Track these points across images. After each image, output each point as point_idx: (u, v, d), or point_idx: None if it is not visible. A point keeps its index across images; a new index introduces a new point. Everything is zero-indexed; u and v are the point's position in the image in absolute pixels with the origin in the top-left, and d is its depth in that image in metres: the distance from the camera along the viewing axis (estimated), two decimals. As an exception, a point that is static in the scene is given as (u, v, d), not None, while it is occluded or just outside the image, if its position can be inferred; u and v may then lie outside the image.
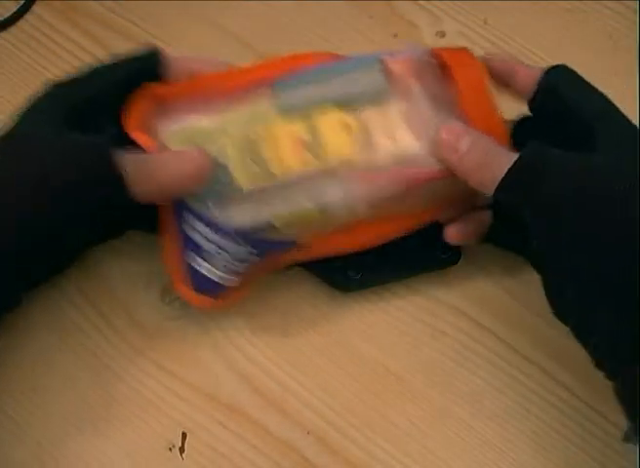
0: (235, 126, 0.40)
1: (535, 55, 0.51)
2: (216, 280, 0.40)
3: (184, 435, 0.42)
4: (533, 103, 0.41)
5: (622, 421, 0.36)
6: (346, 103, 0.40)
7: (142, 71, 0.41)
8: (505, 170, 0.35)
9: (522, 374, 0.43)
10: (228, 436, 0.42)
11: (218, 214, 0.39)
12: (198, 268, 0.40)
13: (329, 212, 0.39)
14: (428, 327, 0.44)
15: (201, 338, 0.44)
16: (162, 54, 0.41)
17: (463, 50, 0.42)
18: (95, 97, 0.40)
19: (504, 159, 0.36)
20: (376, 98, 0.40)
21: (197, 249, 0.39)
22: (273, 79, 0.40)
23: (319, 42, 0.52)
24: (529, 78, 0.40)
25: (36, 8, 0.53)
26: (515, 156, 0.36)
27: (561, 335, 0.43)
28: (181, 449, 0.41)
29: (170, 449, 0.41)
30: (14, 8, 0.53)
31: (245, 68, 0.41)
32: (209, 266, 0.39)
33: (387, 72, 0.40)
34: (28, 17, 0.53)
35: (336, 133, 0.39)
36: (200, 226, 0.39)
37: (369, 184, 0.39)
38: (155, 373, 0.43)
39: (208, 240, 0.39)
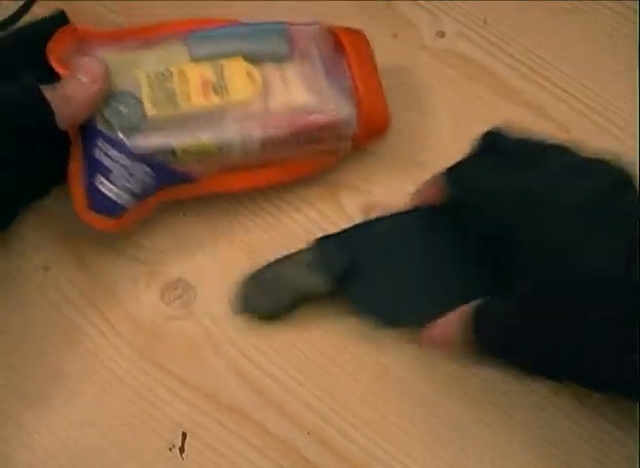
0: (148, 62, 0.44)
1: (535, 55, 0.51)
2: (113, 198, 0.42)
3: (184, 435, 0.42)
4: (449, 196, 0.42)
5: (622, 422, 0.36)
6: (251, 58, 0.45)
7: (49, 29, 0.43)
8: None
9: (523, 375, 0.43)
10: (228, 436, 0.42)
11: (123, 135, 0.42)
12: (98, 187, 0.42)
13: (225, 148, 0.43)
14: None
15: (201, 338, 0.44)
16: (66, 17, 0.45)
17: (357, 31, 0.48)
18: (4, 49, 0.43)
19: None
20: (277, 58, 0.45)
21: (99, 167, 0.42)
22: (186, 32, 0.45)
23: (319, 42, 0.52)
24: (435, 193, 0.42)
25: (36, 8, 0.53)
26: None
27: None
28: (181, 449, 0.41)
29: (170, 449, 0.41)
30: (14, 8, 0.53)
31: (159, 23, 0.47)
32: (108, 184, 0.42)
33: (290, 38, 0.46)
34: (28, 17, 0.53)
35: (239, 78, 0.44)
36: (104, 145, 0.42)
37: (263, 126, 0.44)
38: (155, 373, 0.43)
39: (110, 158, 0.42)
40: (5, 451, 0.41)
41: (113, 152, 0.42)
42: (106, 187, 0.42)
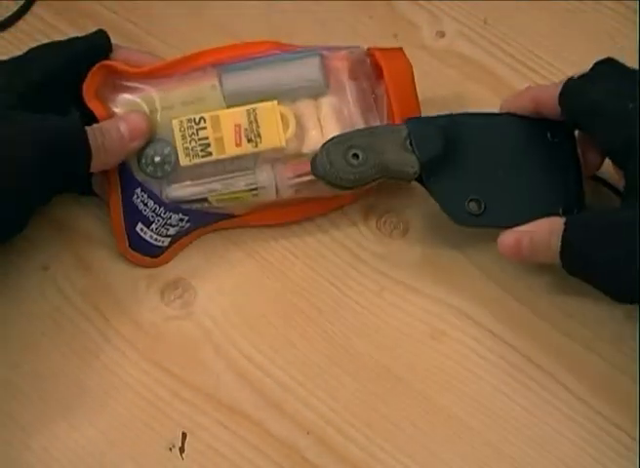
0: (181, 104, 0.44)
1: (535, 55, 0.51)
2: (152, 242, 0.44)
3: (184, 435, 0.42)
4: (563, 108, 0.42)
5: (625, 422, 0.36)
6: (285, 93, 0.44)
7: (90, 53, 0.43)
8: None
9: (522, 375, 0.43)
10: (228, 436, 0.42)
11: (158, 186, 0.43)
12: (137, 232, 0.44)
13: (259, 193, 0.44)
14: (428, 327, 0.44)
15: (201, 339, 0.44)
16: (109, 38, 0.44)
17: (397, 50, 0.46)
18: (48, 78, 0.42)
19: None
20: (312, 91, 0.44)
21: (137, 214, 0.43)
22: (219, 64, 0.44)
23: (319, 42, 0.52)
24: (550, 102, 0.42)
25: (36, 8, 0.53)
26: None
27: (562, 336, 0.44)
28: (181, 449, 0.41)
29: (170, 449, 0.41)
30: (14, 8, 0.53)
31: (194, 54, 0.45)
32: (147, 230, 0.44)
33: (325, 67, 0.45)
34: (28, 17, 0.53)
35: (273, 124, 0.43)
36: (142, 195, 0.43)
37: (297, 170, 0.44)
38: (155, 374, 0.43)
39: (147, 207, 0.43)
40: (6, 452, 0.41)
41: (150, 202, 0.43)
42: (145, 233, 0.44)
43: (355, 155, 0.41)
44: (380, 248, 0.46)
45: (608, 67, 0.42)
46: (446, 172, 0.42)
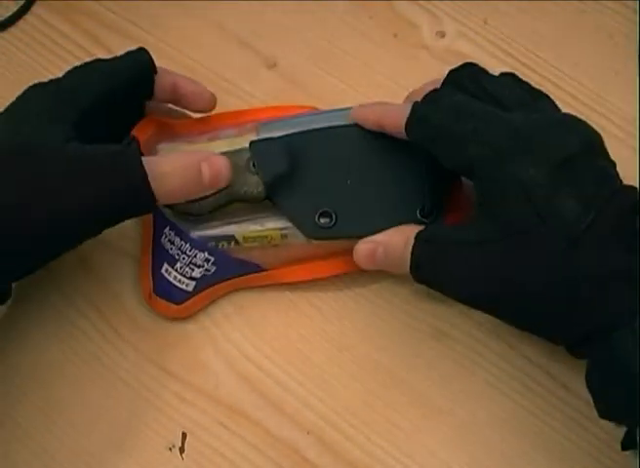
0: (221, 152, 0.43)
1: (535, 55, 0.51)
2: (177, 285, 0.43)
3: (184, 435, 0.42)
4: (409, 136, 0.40)
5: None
6: None
7: (137, 76, 0.42)
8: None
9: (523, 375, 0.43)
10: (228, 436, 0.42)
11: (185, 222, 0.43)
12: (161, 272, 0.44)
13: (288, 234, 0.43)
14: (429, 327, 0.44)
15: (201, 339, 0.44)
16: (152, 59, 0.43)
17: None
18: (98, 104, 0.40)
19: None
20: None
21: (164, 254, 0.44)
22: (259, 120, 0.45)
23: (319, 42, 0.52)
24: (396, 126, 0.41)
25: (36, 8, 0.53)
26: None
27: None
28: (181, 449, 0.41)
29: (170, 449, 0.41)
30: (14, 8, 0.53)
31: (235, 111, 0.47)
32: (169, 268, 0.43)
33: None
34: (28, 17, 0.53)
35: None
36: (167, 231, 0.44)
37: None
38: (155, 374, 0.43)
39: (174, 245, 0.43)
40: (5, 452, 0.41)
41: (177, 239, 0.43)
42: (170, 273, 0.43)
43: None
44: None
45: (459, 77, 0.41)
46: (294, 187, 0.43)
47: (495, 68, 0.42)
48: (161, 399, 0.42)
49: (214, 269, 0.43)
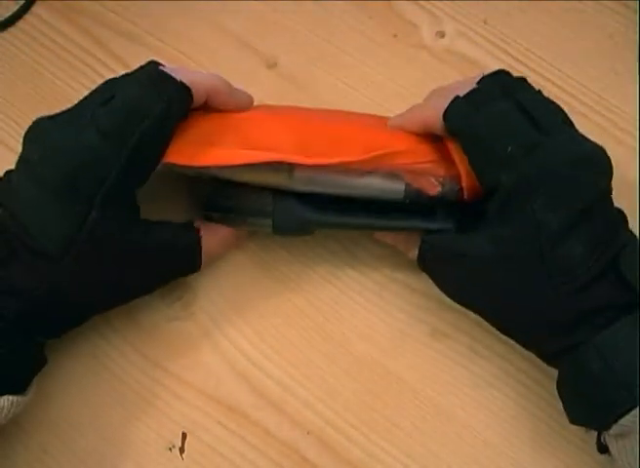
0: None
1: (535, 55, 0.51)
2: None
3: (184, 435, 0.42)
4: (446, 125, 0.40)
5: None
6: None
7: (177, 109, 0.39)
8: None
9: (523, 375, 0.43)
10: (228, 436, 0.42)
11: None
12: None
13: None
14: (428, 327, 0.44)
15: (201, 339, 0.44)
16: (190, 92, 0.39)
17: None
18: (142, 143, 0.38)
19: None
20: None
21: None
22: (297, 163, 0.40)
23: (319, 42, 0.52)
24: (436, 112, 0.40)
25: (36, 8, 0.53)
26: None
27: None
28: (181, 449, 0.41)
29: (170, 449, 0.41)
30: (14, 8, 0.53)
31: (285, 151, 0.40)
32: None
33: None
34: (28, 17, 0.53)
35: None
36: None
37: None
38: (155, 374, 0.43)
39: None
40: (4, 451, 0.41)
41: None
42: None
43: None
44: (380, 247, 0.46)
45: (493, 82, 0.40)
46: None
47: (495, 68, 0.42)
48: (161, 399, 0.42)
49: None
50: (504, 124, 0.38)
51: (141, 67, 0.40)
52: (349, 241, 0.46)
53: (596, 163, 0.38)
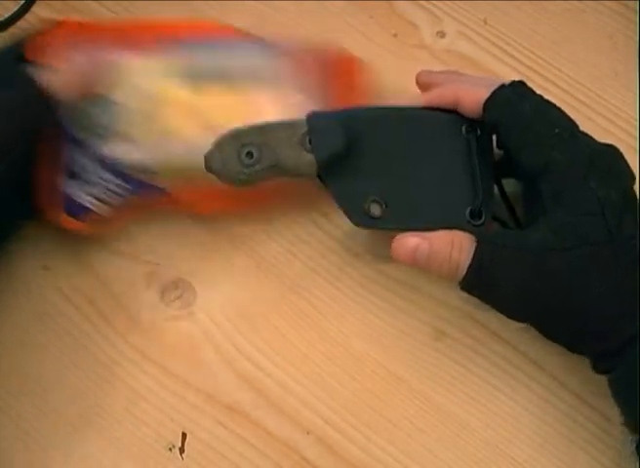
0: (140, 77, 0.44)
1: (535, 55, 0.51)
2: (87, 206, 0.43)
3: (184, 435, 0.42)
4: (485, 114, 0.41)
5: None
6: (239, 78, 0.44)
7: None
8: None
9: (523, 374, 0.43)
10: (228, 436, 0.42)
11: (101, 147, 0.43)
12: (73, 195, 0.43)
13: (201, 168, 0.41)
14: (429, 327, 0.44)
15: (201, 338, 0.44)
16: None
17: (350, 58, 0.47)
18: None
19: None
20: (262, 79, 0.44)
21: (76, 177, 0.43)
22: (182, 40, 0.44)
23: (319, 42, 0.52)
24: (473, 104, 0.41)
25: (36, 8, 0.53)
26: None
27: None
28: (181, 449, 0.41)
29: (170, 449, 0.41)
30: (14, 8, 0.53)
31: (152, 23, 0.47)
32: (83, 193, 0.43)
33: (279, 59, 0.45)
34: (28, 17, 0.53)
35: (221, 103, 0.44)
36: (82, 157, 0.42)
37: None
38: (155, 373, 0.43)
39: (87, 169, 0.42)
40: (4, 451, 0.41)
41: (83, 158, 0.42)
42: (79, 194, 0.43)
43: (249, 153, 0.40)
44: (381, 247, 0.46)
45: (521, 83, 0.41)
46: (347, 170, 0.40)
47: (495, 68, 0.42)
48: (161, 399, 0.42)
49: (121, 190, 0.43)
50: (548, 111, 0.40)
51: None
52: (350, 240, 0.46)
53: (620, 154, 0.40)
